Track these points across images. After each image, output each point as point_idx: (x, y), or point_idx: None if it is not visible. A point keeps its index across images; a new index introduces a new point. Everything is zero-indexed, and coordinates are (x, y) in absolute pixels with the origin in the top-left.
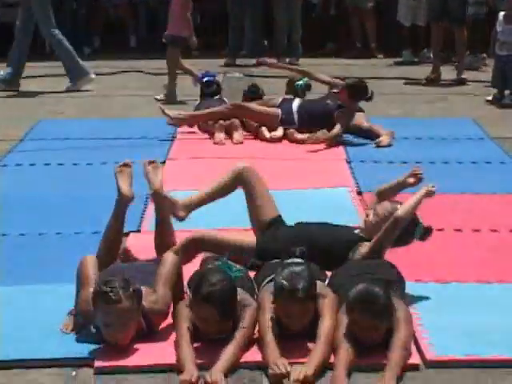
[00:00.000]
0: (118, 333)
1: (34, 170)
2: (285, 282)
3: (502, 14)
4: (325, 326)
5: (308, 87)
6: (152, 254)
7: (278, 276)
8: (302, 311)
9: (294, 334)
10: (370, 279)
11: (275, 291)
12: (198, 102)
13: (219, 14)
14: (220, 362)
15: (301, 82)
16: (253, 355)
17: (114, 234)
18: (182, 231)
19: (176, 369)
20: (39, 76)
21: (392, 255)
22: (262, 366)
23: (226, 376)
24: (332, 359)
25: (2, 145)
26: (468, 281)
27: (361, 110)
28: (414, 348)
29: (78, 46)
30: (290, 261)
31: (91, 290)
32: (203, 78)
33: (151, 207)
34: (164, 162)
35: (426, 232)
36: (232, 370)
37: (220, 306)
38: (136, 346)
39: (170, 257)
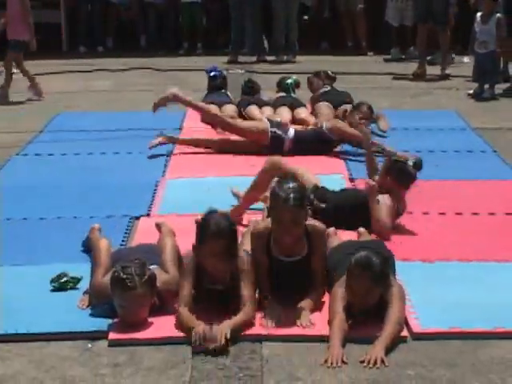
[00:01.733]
0: (133, 314)
1: (52, 159)
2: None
3: (479, 14)
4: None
5: (297, 85)
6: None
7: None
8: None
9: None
10: (371, 250)
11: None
12: (205, 94)
13: (222, 16)
14: (230, 320)
15: (290, 81)
16: (254, 329)
17: None
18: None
19: (187, 340)
20: (57, 73)
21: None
22: (261, 339)
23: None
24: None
25: (24, 136)
26: (451, 259)
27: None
28: None
29: (92, 45)
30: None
31: (102, 271)
32: (210, 72)
33: (160, 193)
34: (171, 153)
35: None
36: (235, 337)
37: (229, 237)
38: (149, 320)
39: (168, 240)
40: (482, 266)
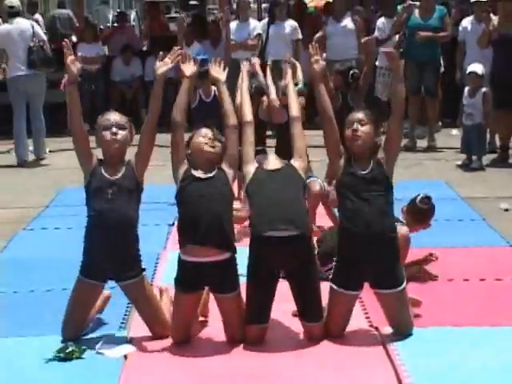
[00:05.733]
0: None
1: (58, 232)
2: None
3: (466, 89)
4: None
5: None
6: None
7: None
8: None
9: None
10: None
11: None
12: None
13: None
14: None
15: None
16: None
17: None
18: None
19: None
20: (64, 150)
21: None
22: None
23: None
24: None
25: (30, 211)
26: (444, 325)
27: None
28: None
29: (95, 121)
30: None
31: None
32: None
33: (162, 264)
34: (173, 224)
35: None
36: None
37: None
38: None
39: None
40: (474, 331)
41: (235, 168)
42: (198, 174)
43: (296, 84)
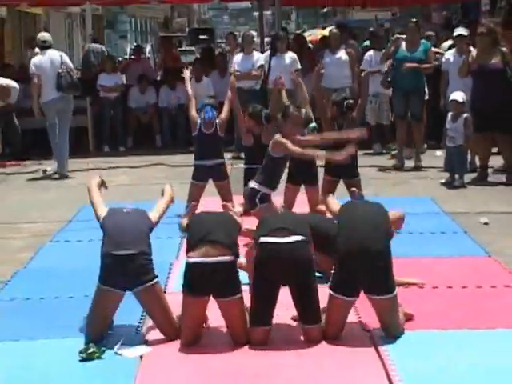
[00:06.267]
0: None
1: (80, 245)
2: None
3: (450, 114)
4: None
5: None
6: None
7: None
8: None
9: None
10: None
11: None
12: None
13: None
14: None
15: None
16: None
17: None
18: None
19: None
20: (86, 170)
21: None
22: None
23: None
24: None
25: (55, 225)
26: (430, 328)
27: None
28: None
29: (115, 145)
30: None
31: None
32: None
33: (175, 272)
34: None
35: None
36: None
37: None
38: None
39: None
40: (459, 334)
41: None
42: None
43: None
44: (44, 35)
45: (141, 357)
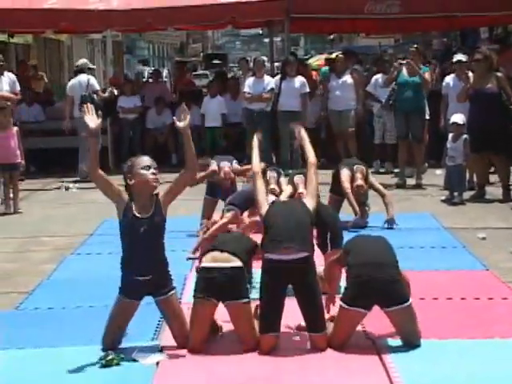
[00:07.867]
0: None
1: (100, 257)
2: None
3: (450, 135)
4: None
5: None
6: None
7: None
8: None
9: None
10: None
11: None
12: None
13: (239, 138)
14: None
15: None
16: None
17: None
18: None
19: None
20: None
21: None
22: None
23: None
24: None
25: (77, 239)
26: (430, 338)
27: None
28: None
29: None
30: None
31: None
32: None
33: (189, 284)
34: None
35: None
36: None
37: None
38: None
39: None
40: (459, 343)
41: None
42: None
43: None
44: (79, 61)
45: (157, 363)
